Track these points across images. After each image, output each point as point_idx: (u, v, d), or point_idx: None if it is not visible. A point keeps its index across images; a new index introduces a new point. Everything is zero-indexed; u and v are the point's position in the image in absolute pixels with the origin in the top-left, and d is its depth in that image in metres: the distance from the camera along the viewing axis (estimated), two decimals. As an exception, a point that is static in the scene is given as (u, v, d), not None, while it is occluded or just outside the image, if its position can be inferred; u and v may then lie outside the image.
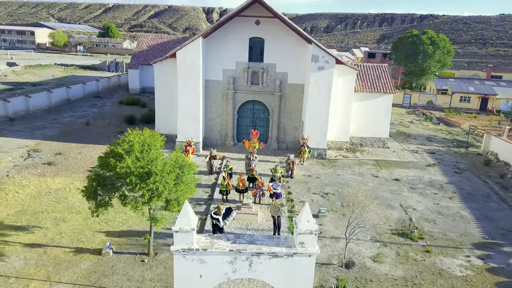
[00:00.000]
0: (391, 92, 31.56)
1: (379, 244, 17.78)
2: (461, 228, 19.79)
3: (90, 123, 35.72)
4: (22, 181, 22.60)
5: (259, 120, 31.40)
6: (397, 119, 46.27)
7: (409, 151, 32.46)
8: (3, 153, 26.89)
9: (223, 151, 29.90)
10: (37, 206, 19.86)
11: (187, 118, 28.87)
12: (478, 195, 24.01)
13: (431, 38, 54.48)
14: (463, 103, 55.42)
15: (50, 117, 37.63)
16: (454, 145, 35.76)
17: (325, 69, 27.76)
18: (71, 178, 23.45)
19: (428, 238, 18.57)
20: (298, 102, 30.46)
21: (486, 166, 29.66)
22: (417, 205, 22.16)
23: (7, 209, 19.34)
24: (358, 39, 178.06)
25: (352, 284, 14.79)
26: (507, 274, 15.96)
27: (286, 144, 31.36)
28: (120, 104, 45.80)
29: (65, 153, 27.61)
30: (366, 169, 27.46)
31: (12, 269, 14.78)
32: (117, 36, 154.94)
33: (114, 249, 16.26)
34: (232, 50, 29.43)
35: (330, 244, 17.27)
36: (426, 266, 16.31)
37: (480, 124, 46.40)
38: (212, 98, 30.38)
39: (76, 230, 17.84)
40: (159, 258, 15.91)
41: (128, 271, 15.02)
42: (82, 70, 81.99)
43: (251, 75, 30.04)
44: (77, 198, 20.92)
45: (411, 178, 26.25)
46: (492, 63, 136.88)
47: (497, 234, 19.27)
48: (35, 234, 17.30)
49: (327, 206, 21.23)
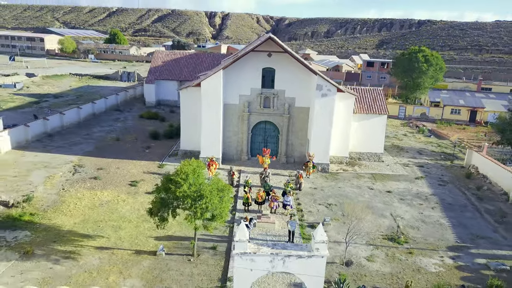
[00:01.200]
0: (385, 113, 36.23)
1: (372, 247, 22.42)
2: (439, 234, 24.44)
3: (120, 139, 40.35)
4: (77, 194, 27.25)
5: (270, 137, 36.06)
6: (392, 132, 50.96)
7: (401, 164, 37.13)
8: (53, 168, 31.54)
9: (239, 165, 34.56)
10: (95, 216, 24.50)
11: (209, 137, 33.51)
12: (456, 205, 28.68)
13: (426, 56, 59.10)
14: (454, 115, 60.10)
15: (82, 132, 42.27)
16: (441, 158, 40.43)
17: (328, 96, 32.41)
18: (117, 191, 28.09)
19: (411, 242, 23.22)
20: (304, 122, 35.12)
21: (467, 178, 34.32)
22: (405, 214, 26.83)
23: (72, 219, 23.99)
24: (357, 44, 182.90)
25: (351, 278, 19.41)
26: (470, 270, 20.62)
27: (293, 158, 36.01)
28: (141, 118, 50.41)
29: (105, 168, 32.24)
30: (363, 182, 32.12)
31: (91, 266, 19.43)
32: (124, 42, 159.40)
33: (166, 251, 20.89)
34: (247, 78, 34.08)
35: (333, 247, 21.88)
36: (408, 264, 20.97)
37: (467, 136, 51.13)
38: (230, 119, 35.01)
39: (131, 236, 22.47)
40: (201, 258, 20.55)
41: (180, 268, 19.66)
42: (96, 80, 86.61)
43: (264, 100, 34.69)
44: (126, 208, 25.59)
45: (401, 190, 30.92)
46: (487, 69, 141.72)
47: (467, 239, 23.92)
48: (101, 239, 21.93)
49: (331, 215, 25.88)
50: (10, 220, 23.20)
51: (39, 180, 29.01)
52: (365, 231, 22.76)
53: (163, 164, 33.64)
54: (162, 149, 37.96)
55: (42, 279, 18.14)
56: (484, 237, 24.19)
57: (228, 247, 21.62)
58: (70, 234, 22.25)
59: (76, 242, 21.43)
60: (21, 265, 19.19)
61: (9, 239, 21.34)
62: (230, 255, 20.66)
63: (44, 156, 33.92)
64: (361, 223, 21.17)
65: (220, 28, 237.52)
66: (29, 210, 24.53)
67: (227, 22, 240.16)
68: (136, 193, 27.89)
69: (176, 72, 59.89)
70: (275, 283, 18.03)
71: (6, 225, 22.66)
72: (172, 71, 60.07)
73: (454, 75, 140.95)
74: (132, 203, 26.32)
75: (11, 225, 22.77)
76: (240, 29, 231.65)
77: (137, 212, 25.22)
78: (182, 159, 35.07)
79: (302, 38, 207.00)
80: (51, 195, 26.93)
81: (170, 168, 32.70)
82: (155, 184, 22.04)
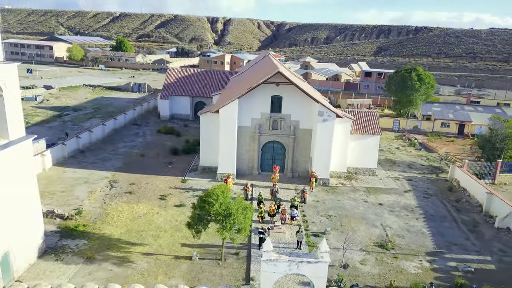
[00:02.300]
0: (378, 134, 41.39)
1: (364, 253, 27.55)
2: (420, 241, 29.58)
3: (143, 154, 45.47)
4: (117, 207, 32.36)
5: (277, 155, 41.19)
6: (387, 145, 56.11)
7: (392, 178, 42.30)
8: (92, 184, 36.67)
9: (250, 179, 39.70)
10: (136, 226, 29.61)
11: (226, 155, 38.62)
12: (437, 216, 33.84)
13: (419, 75, 64.24)
14: (443, 128, 65.28)
15: (109, 148, 47.37)
16: (428, 171, 45.59)
17: (328, 121, 37.57)
18: (150, 204, 33.20)
19: (397, 248, 28.36)
20: (308, 142, 40.27)
21: (449, 191, 39.49)
22: (393, 224, 31.98)
23: (118, 229, 29.10)
24: (356, 50, 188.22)
25: (347, 278, 24.51)
26: (442, 272, 25.76)
27: (298, 173, 41.15)
28: (158, 132, 55.52)
29: (136, 183, 37.36)
30: (359, 195, 37.27)
31: (142, 269, 24.53)
32: (130, 50, 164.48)
33: (199, 257, 26.00)
34: (258, 104, 39.22)
35: (333, 253, 26.96)
36: (393, 267, 26.11)
37: (455, 149, 56.33)
38: (243, 139, 40.12)
39: (169, 243, 27.58)
40: (228, 262, 25.65)
41: (211, 270, 24.77)
42: (108, 91, 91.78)
43: (272, 122, 39.84)
44: (160, 220, 30.69)
45: (391, 203, 36.07)
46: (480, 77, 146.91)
47: (443, 246, 29.06)
48: (144, 246, 27.03)
49: (331, 225, 31.01)
50: (68, 231, 28.30)
51: (83, 195, 34.14)
52: (359, 240, 27.94)
53: (186, 179, 38.75)
54: (182, 164, 43.09)
55: (106, 278, 23.23)
56: (457, 244, 29.35)
57: (248, 253, 26.74)
58: (119, 242, 27.36)
59: (125, 249, 26.54)
60: (87, 268, 24.29)
61: (72, 246, 26.45)
62: (250, 259, 25.81)
63: (82, 172, 39.04)
64: (355, 234, 26.29)
65: (222, 33, 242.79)
66: (81, 221, 29.64)
67: (229, 27, 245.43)
68: (166, 206, 33.01)
69: (188, 89, 65.05)
70: (287, 282, 23.17)
71: (66, 235, 27.77)
72: (184, 88, 65.22)
73: (449, 82, 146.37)
74: (164, 215, 31.44)
75: (70, 234, 27.88)
76: (242, 34, 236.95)
77: (170, 223, 30.34)
78: (201, 174, 40.44)
79: (302, 44, 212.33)
80: (96, 208, 32.04)
81: (192, 183, 37.86)
82: (192, 203, 26.85)
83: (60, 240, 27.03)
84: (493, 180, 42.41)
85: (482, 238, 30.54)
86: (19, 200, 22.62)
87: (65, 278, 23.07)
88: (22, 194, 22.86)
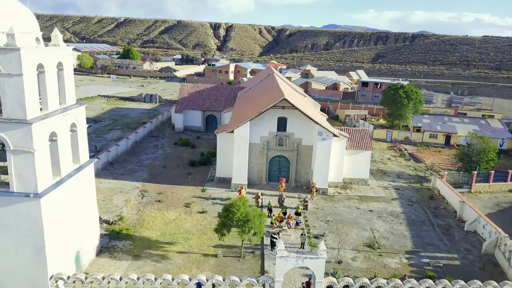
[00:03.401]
0: (370, 149, 47.92)
1: (355, 252, 34.04)
2: (401, 242, 36.07)
3: (166, 166, 51.96)
4: (151, 214, 38.85)
5: (283, 167, 47.70)
6: (379, 156, 62.62)
7: (382, 188, 48.81)
8: (126, 193, 43.18)
9: (259, 188, 46.16)
10: (169, 230, 36.09)
11: (239, 168, 45.07)
12: (417, 221, 40.35)
13: (406, 92, 70.77)
14: (432, 139, 71.79)
15: (134, 160, 53.85)
16: (414, 181, 52.10)
17: (326, 140, 44.09)
18: (177, 211, 39.67)
19: (382, 248, 34.85)
20: (309, 156, 46.77)
21: (430, 199, 45.99)
22: (380, 228, 38.47)
23: (155, 232, 35.58)
24: (355, 57, 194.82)
25: (341, 271, 30.97)
26: (417, 266, 32.26)
27: (301, 183, 47.65)
28: (175, 145, 62.00)
29: (163, 192, 43.85)
30: (352, 203, 43.80)
31: (179, 264, 31.01)
32: (137, 58, 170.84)
33: (223, 255, 32.47)
34: (266, 124, 45.71)
35: (330, 251, 33.40)
36: (378, 262, 32.60)
37: (441, 159, 62.84)
38: (253, 154, 46.61)
39: (197, 244, 34.05)
40: (246, 259, 32.13)
41: (233, 265, 31.25)
42: (122, 102, 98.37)
43: (278, 140, 46.35)
44: (188, 224, 37.16)
45: (380, 209, 42.57)
46: (473, 84, 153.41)
47: (420, 246, 35.55)
48: (178, 246, 33.50)
49: (328, 229, 37.51)
50: (115, 234, 34.79)
51: (121, 203, 40.66)
52: (351, 241, 34.46)
53: (205, 189, 45.26)
54: (200, 175, 49.59)
55: (152, 271, 29.67)
56: (431, 244, 35.86)
57: (262, 252, 33.22)
58: (157, 243, 33.86)
59: (163, 248, 33.04)
60: (135, 263, 30.78)
61: (120, 246, 32.94)
62: (264, 257, 32.29)
63: (115, 183, 45.54)
64: (347, 236, 32.78)
65: (224, 39, 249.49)
66: (124, 226, 36.15)
67: (231, 33, 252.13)
68: (191, 213, 39.51)
69: (199, 103, 71.59)
70: (294, 274, 29.66)
71: (114, 237, 34.26)
72: (196, 102, 71.75)
73: (443, 90, 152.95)
74: (190, 221, 37.93)
75: (117, 237, 34.37)
76: (244, 40, 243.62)
77: (196, 227, 36.84)
78: (218, 184, 46.94)
79: (303, 50, 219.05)
80: (133, 214, 38.56)
81: (211, 192, 44.38)
82: (215, 211, 33.09)
83: (110, 241, 33.52)
84: (470, 189, 48.93)
85: (452, 239, 37.05)
86: (86, 208, 29.18)
87: (120, 271, 29.54)
88: (87, 204, 29.42)
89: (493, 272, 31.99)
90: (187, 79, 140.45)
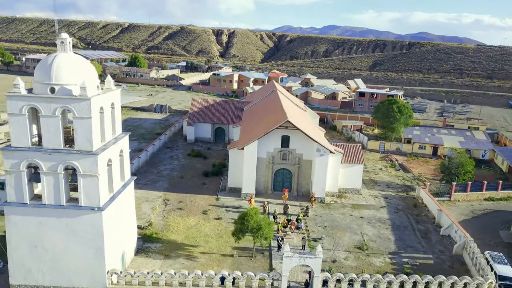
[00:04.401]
0: (362, 163, 54.89)
1: (347, 252, 40.96)
2: (386, 245, 42.99)
3: (183, 177, 58.91)
4: (174, 220, 45.76)
5: (286, 179, 54.64)
6: (372, 166, 69.57)
7: (372, 196, 55.76)
8: (151, 202, 50.10)
9: (266, 197, 53.09)
10: (191, 234, 42.99)
11: (248, 179, 52.00)
12: (401, 226, 47.27)
13: (399, 106, 77.80)
14: (421, 150, 78.70)
15: (154, 171, 60.77)
16: (402, 190, 59.05)
17: (323, 156, 51.04)
18: (197, 218, 46.57)
19: (370, 250, 41.76)
20: (309, 169, 53.71)
21: (414, 207, 52.92)
22: (369, 232, 45.39)
23: (179, 236, 42.47)
24: (353, 65, 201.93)
25: (335, 268, 37.83)
26: (397, 265, 39.19)
27: (302, 193, 54.60)
28: (189, 156, 68.89)
29: (183, 201, 50.76)
30: (346, 210, 50.74)
31: (203, 262, 37.90)
32: (143, 66, 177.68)
33: (238, 255, 39.38)
34: (271, 141, 52.63)
35: (326, 252, 40.28)
36: (366, 261, 39.53)
37: (428, 169, 69.76)
38: (260, 167, 53.50)
39: (216, 246, 40.96)
40: (257, 258, 39.05)
41: (247, 263, 38.15)
42: (134, 112, 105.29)
43: (282, 155, 53.29)
44: (207, 229, 44.04)
45: (370, 216, 49.49)
46: (465, 93, 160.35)
47: (402, 248, 42.48)
48: (200, 247, 40.40)
49: (325, 233, 44.42)
50: (147, 237, 41.70)
51: (148, 210, 47.60)
52: (343, 244, 41.40)
53: (219, 197, 52.19)
54: (213, 184, 56.51)
55: (183, 268, 36.59)
56: (411, 246, 42.80)
57: (270, 253, 40.11)
58: (183, 245, 40.78)
59: (188, 249, 39.95)
60: (167, 262, 37.69)
61: (153, 248, 39.85)
62: (272, 257, 39.20)
63: (141, 192, 52.45)
64: (340, 240, 39.70)
65: (227, 46, 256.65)
66: (153, 230, 43.04)
67: (233, 40, 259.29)
68: (208, 219, 46.42)
69: (209, 116, 78.57)
70: (296, 270, 36.58)
71: (146, 240, 41.16)
72: (206, 116, 78.72)
73: (437, 98, 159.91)
74: (209, 226, 44.85)
75: (149, 240, 41.27)
76: (245, 47, 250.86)
77: (214, 231, 43.75)
78: (229, 193, 53.80)
79: (303, 57, 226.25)
80: (160, 221, 45.49)
81: (224, 201, 51.28)
82: (231, 219, 39.76)
83: (143, 244, 40.44)
84: (450, 197, 55.87)
85: (429, 242, 44.01)
86: (128, 217, 36.14)
87: (156, 268, 36.45)
88: (129, 213, 36.38)
89: (460, 269, 38.91)
90: (193, 88, 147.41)
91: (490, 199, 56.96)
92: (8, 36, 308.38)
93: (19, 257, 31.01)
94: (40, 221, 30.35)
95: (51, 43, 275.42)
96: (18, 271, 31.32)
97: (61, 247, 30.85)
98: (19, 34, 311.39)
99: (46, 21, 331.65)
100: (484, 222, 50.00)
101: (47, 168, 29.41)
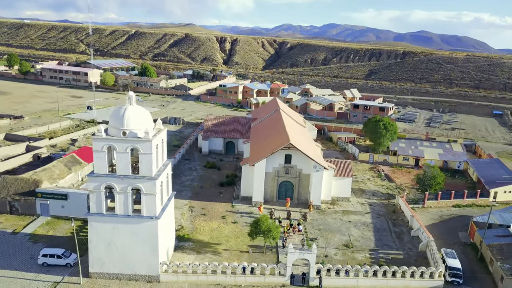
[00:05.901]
0: (351, 176, 66.75)
1: (337, 250, 52.76)
2: (368, 243, 54.76)
3: (202, 186, 70.69)
4: (200, 224, 57.54)
5: (288, 189, 66.46)
6: (361, 176, 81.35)
7: (360, 204, 67.57)
8: (180, 209, 61.85)
9: (272, 204, 64.89)
10: (214, 235, 54.75)
11: (257, 189, 63.82)
12: (381, 229, 59.08)
13: (385, 124, 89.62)
14: (405, 161, 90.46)
15: (177, 181, 72.44)
16: (384, 198, 70.86)
17: (319, 171, 62.87)
18: (218, 222, 58.33)
19: (354, 248, 53.55)
20: (307, 181, 65.53)
21: (393, 212, 64.74)
22: (355, 234, 57.16)
23: (205, 237, 54.25)
24: (350, 73, 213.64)
25: (327, 261, 49.59)
26: (375, 259, 50.98)
27: (301, 201, 66.44)
28: (205, 167, 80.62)
29: (205, 208, 62.51)
30: (338, 216, 62.55)
31: (226, 257, 49.64)
32: (153, 75, 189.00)
33: (252, 251, 51.15)
34: (276, 159, 64.44)
35: (320, 249, 51.92)
36: (350, 256, 51.33)
37: (409, 179, 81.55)
38: (267, 179, 65.27)
39: (235, 244, 52.73)
40: (267, 254, 50.85)
41: (259, 258, 49.92)
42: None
43: (285, 170, 65.12)
44: (226, 232, 55.78)
45: (356, 220, 61.28)
46: (453, 102, 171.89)
47: (379, 246, 54.27)
48: (222, 245, 52.15)
49: (320, 234, 56.20)
50: (181, 238, 53.46)
51: (178, 216, 59.36)
52: (333, 243, 53.28)
53: (234, 205, 64.00)
54: (228, 194, 68.29)
55: (212, 261, 48.31)
56: (387, 245, 54.62)
57: (276, 250, 51.84)
58: (209, 244, 52.56)
59: (213, 247, 51.73)
60: (199, 256, 49.46)
61: (186, 246, 51.64)
62: (278, 253, 50.97)
63: (170, 200, 64.10)
64: (332, 239, 51.57)
65: (230, 53, 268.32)
66: (184, 232, 54.82)
67: (236, 47, 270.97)
68: (227, 223, 58.19)
69: (221, 132, 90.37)
70: (297, 262, 48.32)
71: (180, 240, 52.90)
72: (218, 131, 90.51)
73: (427, 107, 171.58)
74: (227, 229, 56.60)
75: (182, 239, 53.04)
76: (248, 54, 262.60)
77: (232, 233, 55.48)
78: (242, 201, 65.59)
79: (303, 65, 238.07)
80: (189, 224, 57.29)
81: (238, 207, 63.08)
82: (246, 223, 51.48)
83: (179, 243, 52.22)
84: (423, 204, 67.69)
85: (402, 241, 55.83)
86: (170, 222, 47.98)
87: (192, 261, 48.20)
88: (171, 218, 48.21)
89: (422, 263, 50.63)
90: (201, 98, 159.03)
91: (457, 205, 68.77)
92: (18, 42, 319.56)
93: (97, 252, 42.83)
94: (113, 226, 42.13)
95: (61, 49, 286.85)
96: (96, 262, 43.15)
97: (127, 245, 42.63)
98: (28, 40, 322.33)
99: (55, 27, 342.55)
100: (449, 225, 61.84)
101: (120, 189, 41.18)
